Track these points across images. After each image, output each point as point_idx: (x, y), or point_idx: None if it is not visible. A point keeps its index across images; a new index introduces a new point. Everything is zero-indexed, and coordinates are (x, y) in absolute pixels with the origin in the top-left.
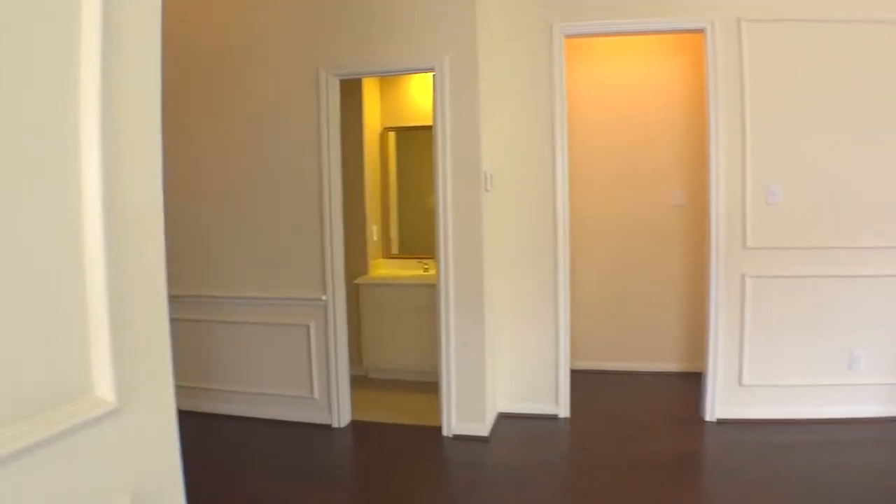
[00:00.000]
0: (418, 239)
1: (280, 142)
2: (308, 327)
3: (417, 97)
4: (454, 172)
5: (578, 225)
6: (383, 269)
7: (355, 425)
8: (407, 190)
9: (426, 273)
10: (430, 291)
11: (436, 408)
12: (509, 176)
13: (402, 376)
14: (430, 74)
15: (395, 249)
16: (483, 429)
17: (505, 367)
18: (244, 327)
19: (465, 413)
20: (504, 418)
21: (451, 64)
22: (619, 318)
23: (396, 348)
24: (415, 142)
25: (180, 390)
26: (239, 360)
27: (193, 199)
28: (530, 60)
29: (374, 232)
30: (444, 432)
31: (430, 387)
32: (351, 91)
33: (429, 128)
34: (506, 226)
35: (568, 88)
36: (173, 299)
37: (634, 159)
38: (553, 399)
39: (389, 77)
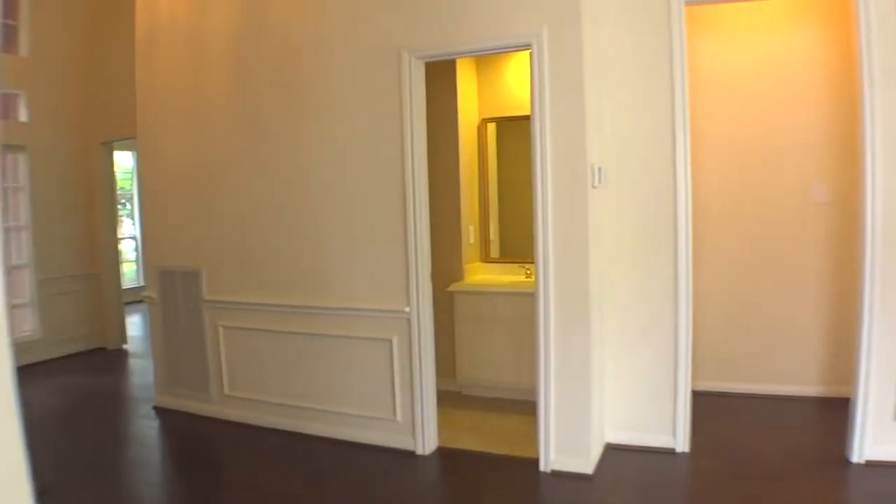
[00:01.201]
0: (521, 241)
1: (358, 135)
2: (390, 342)
3: (517, 83)
4: (555, 165)
5: (696, 225)
6: (480, 274)
7: (442, 453)
8: (508, 186)
9: (529, 280)
10: (532, 301)
11: (534, 435)
12: (619, 170)
13: (498, 394)
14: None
15: (494, 252)
16: (586, 464)
17: (613, 390)
18: (322, 340)
19: (567, 444)
20: (611, 451)
21: (549, 38)
22: (746, 331)
23: (494, 363)
24: (517, 133)
25: (259, 405)
26: (317, 376)
27: (262, 199)
28: (644, 34)
29: (470, 233)
30: (542, 466)
31: (529, 407)
32: (443, 78)
33: None
34: (615, 227)
35: (688, 67)
36: (243, 307)
37: (766, 150)
38: (669, 429)
39: (486, 60)
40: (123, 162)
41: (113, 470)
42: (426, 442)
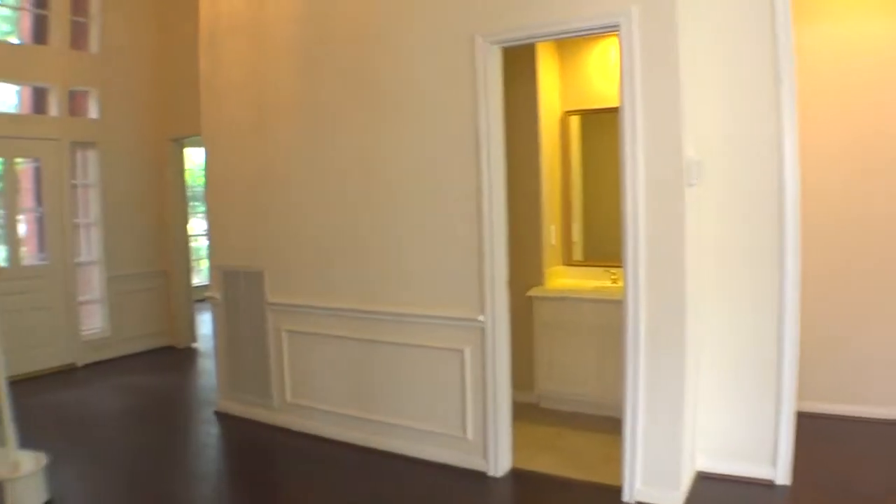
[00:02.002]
0: (606, 243)
1: (428, 128)
2: (462, 353)
3: (604, 72)
4: (648, 161)
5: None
6: (563, 278)
7: (515, 475)
8: (593, 184)
9: (615, 285)
10: (618, 308)
11: (618, 457)
12: (717, 166)
13: (579, 408)
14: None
15: (577, 255)
16: (676, 498)
17: (706, 411)
18: (389, 348)
19: (654, 472)
20: (702, 481)
21: (640, 18)
22: (854, 347)
23: (575, 375)
24: (604, 127)
25: (323, 415)
26: (383, 386)
27: (326, 197)
28: (743, 12)
29: (552, 234)
30: (625, 497)
31: (613, 425)
32: (522, 66)
33: None
34: (712, 230)
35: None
36: (307, 311)
37: (883, 149)
38: (769, 458)
39: (570, 46)
40: (197, 158)
41: (163, 479)
42: (498, 463)
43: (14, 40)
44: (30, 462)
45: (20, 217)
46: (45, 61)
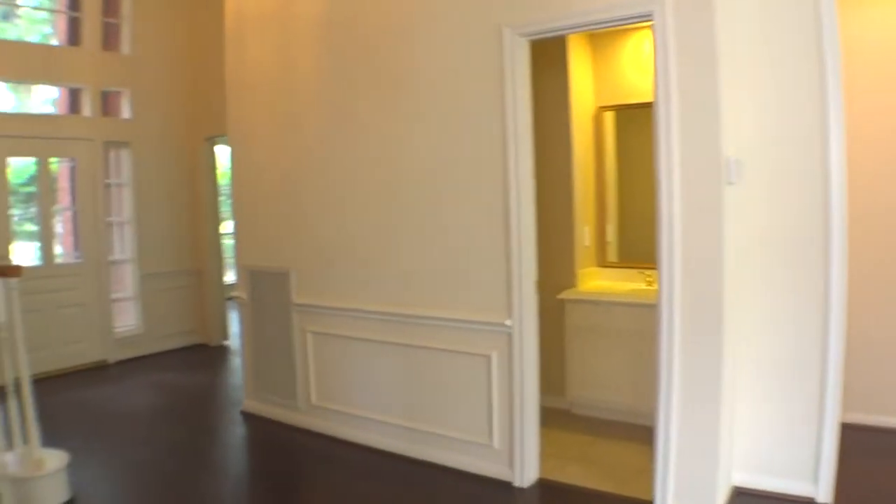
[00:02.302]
0: (641, 244)
1: (454, 126)
2: (489, 358)
3: (639, 65)
4: (683, 158)
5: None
6: (596, 280)
7: (542, 486)
8: (629, 182)
9: (650, 288)
10: (653, 313)
11: (650, 471)
12: (758, 164)
13: (612, 416)
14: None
15: (612, 256)
16: None
17: (743, 423)
18: (413, 352)
19: (688, 487)
20: (739, 498)
21: (674, 6)
22: None
23: (609, 381)
24: (640, 122)
25: (347, 418)
26: (407, 390)
27: (352, 197)
28: (786, 1)
29: (585, 235)
30: None
31: (647, 434)
32: (553, 61)
33: None
34: (751, 230)
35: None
36: (333, 313)
37: None
38: (810, 473)
39: (603, 39)
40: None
41: (184, 479)
42: (525, 473)
43: (54, 42)
44: (52, 460)
45: (56, 216)
46: (78, 63)
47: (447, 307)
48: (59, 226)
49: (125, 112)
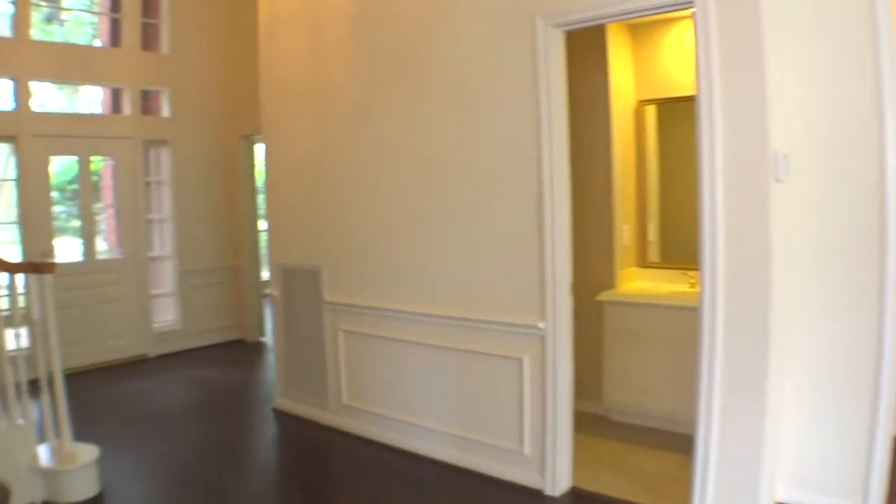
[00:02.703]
0: (684, 243)
1: (486, 121)
2: (520, 362)
3: (683, 56)
4: (728, 154)
5: None
6: (636, 281)
7: (574, 496)
8: (672, 179)
9: (693, 290)
10: (696, 317)
11: (688, 482)
12: (807, 159)
13: (650, 422)
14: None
15: (652, 256)
16: None
17: (787, 434)
18: (444, 353)
19: (728, 501)
20: None
21: None
22: None
23: (647, 387)
24: (683, 116)
25: (377, 419)
26: (437, 392)
27: (383, 194)
28: None
29: (625, 234)
30: None
31: (686, 443)
32: (591, 53)
33: None
34: (800, 229)
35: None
36: (364, 312)
37: None
38: (859, 492)
39: (644, 29)
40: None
41: (212, 475)
42: (556, 481)
43: (97, 43)
44: (83, 454)
45: (98, 213)
46: (119, 63)
47: (478, 308)
48: (103, 223)
49: (164, 111)
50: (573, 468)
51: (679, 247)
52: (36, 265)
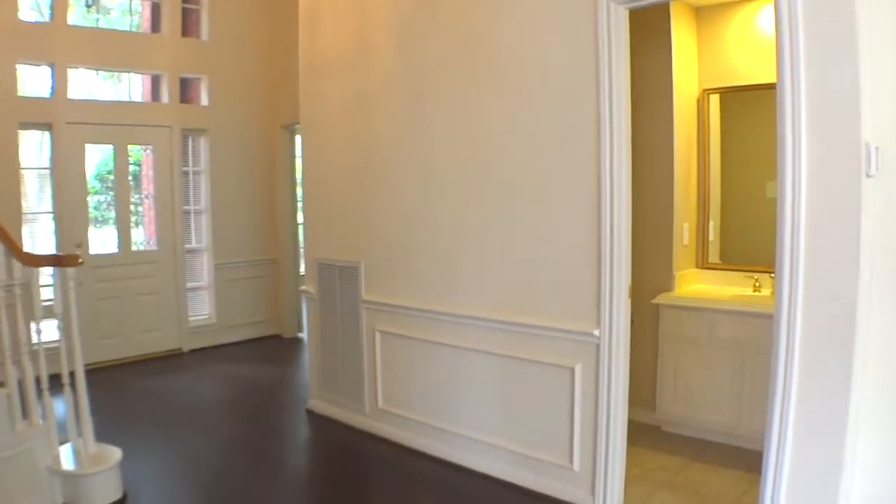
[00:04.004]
0: (748, 243)
1: (542, 109)
2: (572, 371)
3: (754, 42)
4: (812, 146)
5: None
6: (695, 283)
7: None
8: (735, 174)
9: (757, 294)
10: (761, 322)
11: (754, 502)
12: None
13: (709, 436)
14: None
15: (713, 257)
16: None
17: (870, 455)
18: (488, 359)
19: None
20: None
21: None
22: None
23: (706, 397)
24: (750, 107)
25: (415, 425)
26: (481, 400)
27: (428, 187)
28: None
29: (684, 233)
30: None
31: (749, 461)
32: (654, 36)
33: (774, 87)
34: (887, 230)
35: None
36: (403, 312)
37: None
38: None
39: (709, 13)
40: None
41: (240, 479)
42: (607, 500)
43: (139, 30)
44: (105, 456)
45: (135, 204)
46: (158, 49)
47: (527, 312)
48: (141, 214)
49: (203, 99)
50: (625, 485)
51: (741, 247)
52: (58, 258)
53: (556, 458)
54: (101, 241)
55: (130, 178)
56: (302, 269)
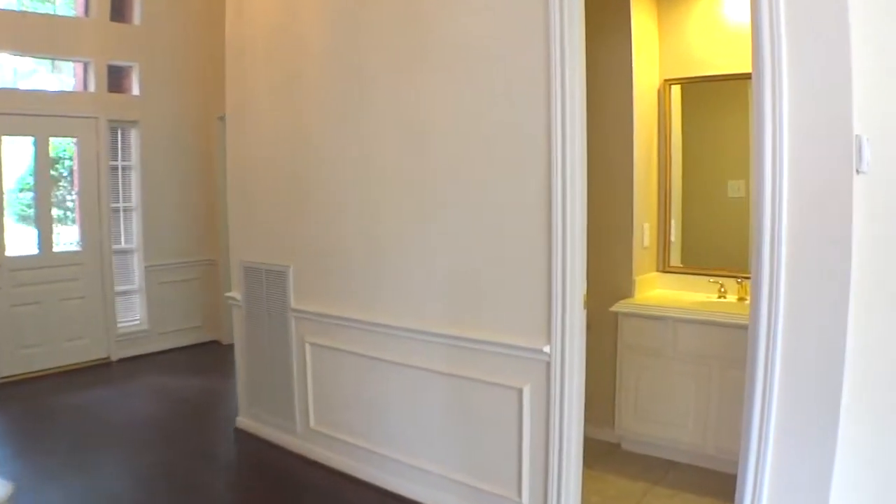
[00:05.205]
0: (713, 245)
1: (484, 98)
2: (520, 392)
3: (719, 29)
4: (794, 137)
5: None
6: (656, 288)
7: None
8: (697, 171)
9: (723, 301)
10: (728, 332)
11: None
12: (881, 148)
13: (673, 456)
14: None
15: (676, 260)
16: None
17: (858, 486)
18: (427, 377)
19: None
20: None
21: None
22: None
23: (669, 414)
24: (714, 99)
25: (349, 448)
26: (419, 423)
27: (362, 184)
28: None
29: (645, 233)
30: None
31: (718, 484)
32: (611, 22)
33: (739, 77)
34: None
35: None
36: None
37: None
38: None
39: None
40: None
41: None
42: None
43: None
44: None
45: (58, 201)
46: (84, 34)
47: (472, 325)
48: (64, 211)
49: (134, 88)
50: None
51: (704, 249)
52: None
53: (504, 489)
54: (20, 240)
55: (60, 172)
56: None
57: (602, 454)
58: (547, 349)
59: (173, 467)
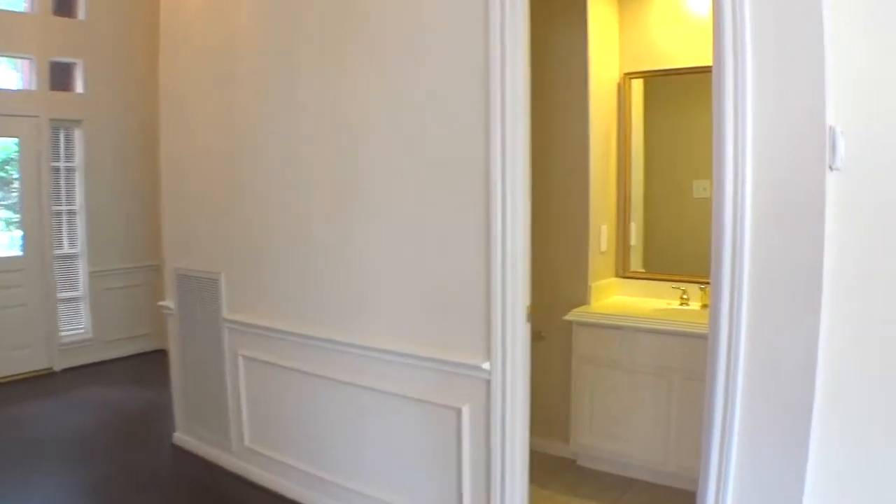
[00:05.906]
0: (675, 248)
1: (417, 92)
2: (459, 413)
3: (681, 20)
4: (759, 130)
5: None
6: (615, 295)
7: None
8: (660, 170)
9: (684, 308)
10: (691, 344)
11: None
12: (864, 142)
13: (632, 473)
14: None
15: (636, 264)
16: None
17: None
18: (363, 394)
19: None
20: None
21: None
22: None
23: (627, 428)
24: (678, 94)
25: (284, 469)
26: (355, 443)
27: (295, 186)
28: None
29: (602, 237)
30: None
31: (677, 500)
32: (566, 11)
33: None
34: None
35: None
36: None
37: None
38: None
39: None
40: None
41: None
42: None
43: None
44: None
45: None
46: (24, 29)
47: (408, 339)
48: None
49: (77, 86)
50: None
51: (666, 253)
52: None
53: None
54: None
55: (11, 175)
56: None
57: (556, 471)
58: (486, 366)
59: (104, 487)
